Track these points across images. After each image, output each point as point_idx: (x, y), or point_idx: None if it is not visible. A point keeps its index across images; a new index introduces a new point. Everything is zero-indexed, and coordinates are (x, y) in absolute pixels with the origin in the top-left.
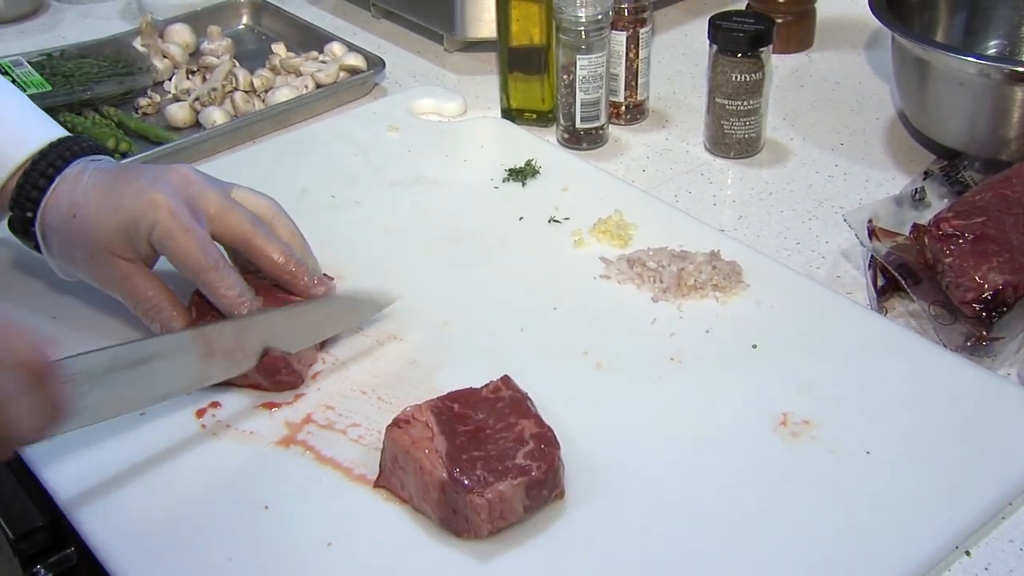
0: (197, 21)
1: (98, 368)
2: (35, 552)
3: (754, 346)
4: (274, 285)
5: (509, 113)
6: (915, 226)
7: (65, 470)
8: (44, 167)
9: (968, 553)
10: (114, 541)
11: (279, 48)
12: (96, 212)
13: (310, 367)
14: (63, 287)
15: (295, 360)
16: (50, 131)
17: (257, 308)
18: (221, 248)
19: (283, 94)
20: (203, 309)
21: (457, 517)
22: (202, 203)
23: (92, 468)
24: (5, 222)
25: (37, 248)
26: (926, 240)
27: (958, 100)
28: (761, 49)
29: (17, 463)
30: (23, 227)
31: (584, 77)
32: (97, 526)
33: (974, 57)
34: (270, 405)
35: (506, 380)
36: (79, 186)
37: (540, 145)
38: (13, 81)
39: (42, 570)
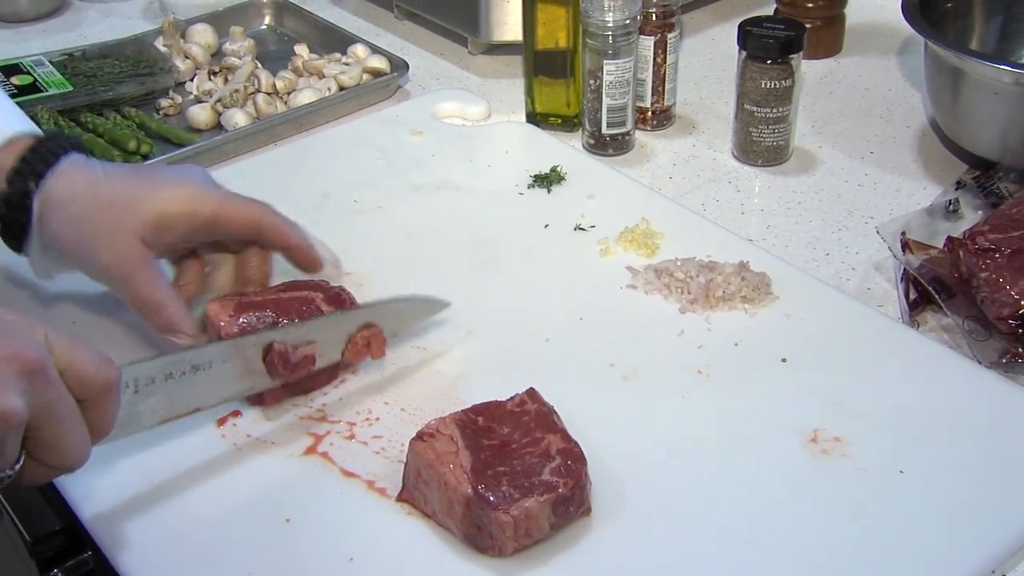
0: (219, 21)
1: (156, 375)
2: (52, 555)
3: (784, 360)
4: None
5: (534, 117)
6: (950, 239)
7: (83, 479)
8: (53, 146)
9: None
10: (131, 552)
11: (302, 49)
12: (130, 192)
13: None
14: (53, 302)
15: (292, 353)
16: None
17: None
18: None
19: (306, 96)
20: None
21: (482, 534)
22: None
23: (110, 477)
24: None
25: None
26: (961, 253)
27: (993, 109)
28: (791, 56)
29: None
30: (20, 202)
31: (611, 82)
32: (114, 536)
33: (1010, 66)
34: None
35: (532, 393)
36: (94, 171)
37: (565, 150)
38: (35, 81)
39: (59, 574)
